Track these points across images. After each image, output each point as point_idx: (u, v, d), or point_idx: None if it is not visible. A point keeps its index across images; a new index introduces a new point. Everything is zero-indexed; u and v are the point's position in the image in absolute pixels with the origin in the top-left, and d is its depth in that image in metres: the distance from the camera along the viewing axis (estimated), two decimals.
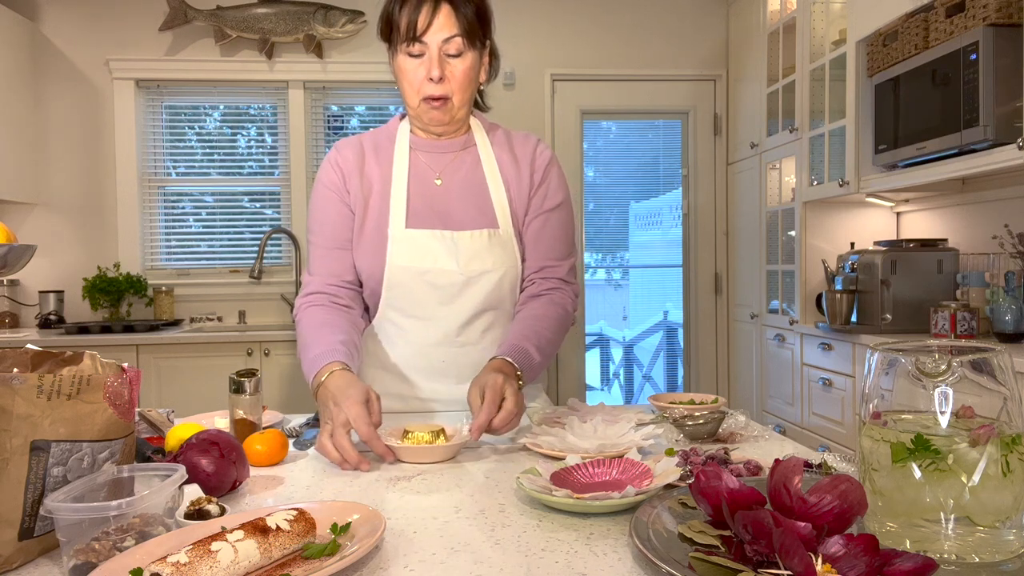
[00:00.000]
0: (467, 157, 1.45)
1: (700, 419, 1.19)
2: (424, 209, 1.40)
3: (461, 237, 1.38)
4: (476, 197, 1.42)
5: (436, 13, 1.29)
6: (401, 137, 1.45)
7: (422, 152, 1.44)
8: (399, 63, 1.34)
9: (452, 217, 1.40)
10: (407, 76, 1.34)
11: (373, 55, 3.90)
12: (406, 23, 1.29)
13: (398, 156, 1.43)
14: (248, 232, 3.98)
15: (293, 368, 3.34)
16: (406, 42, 1.31)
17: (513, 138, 1.49)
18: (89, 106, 3.80)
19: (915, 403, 0.69)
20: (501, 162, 1.45)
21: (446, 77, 1.32)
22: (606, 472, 0.93)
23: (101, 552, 0.69)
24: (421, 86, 1.33)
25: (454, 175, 1.43)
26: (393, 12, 1.33)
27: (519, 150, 1.47)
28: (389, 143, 1.45)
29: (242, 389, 1.17)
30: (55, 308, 3.65)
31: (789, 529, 0.58)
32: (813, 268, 3.28)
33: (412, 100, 1.36)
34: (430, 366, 1.42)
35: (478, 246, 1.38)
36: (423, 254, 1.36)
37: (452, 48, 1.31)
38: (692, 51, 4.10)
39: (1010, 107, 2.21)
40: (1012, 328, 2.39)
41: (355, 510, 0.80)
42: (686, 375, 4.29)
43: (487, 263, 1.38)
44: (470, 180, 1.43)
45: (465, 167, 1.44)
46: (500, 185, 1.43)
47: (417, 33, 1.29)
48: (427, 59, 1.31)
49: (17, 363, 0.84)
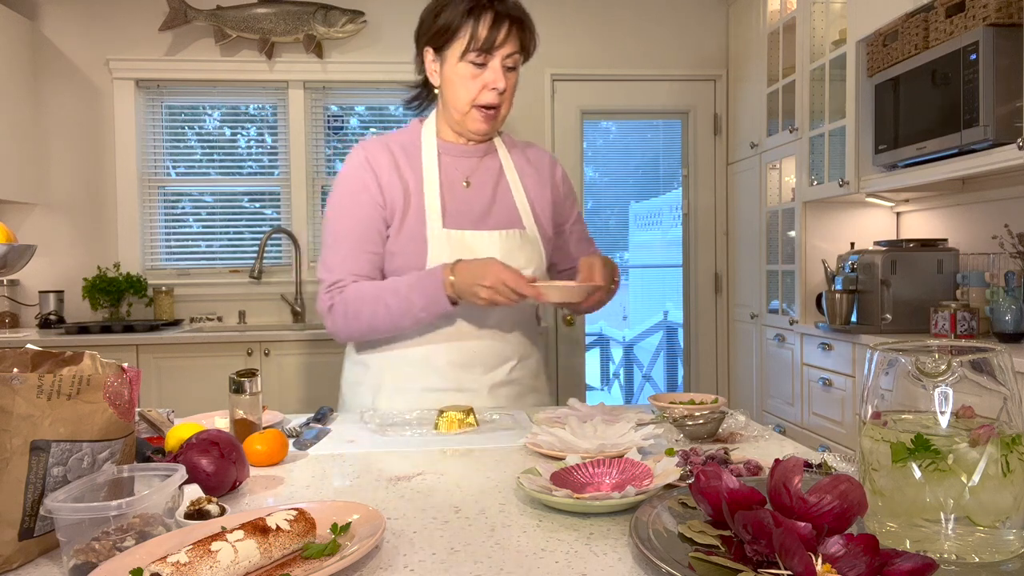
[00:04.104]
0: (490, 163, 1.55)
1: (700, 419, 1.19)
2: (457, 210, 1.48)
3: (496, 236, 1.47)
4: (502, 200, 1.52)
5: (511, 31, 1.40)
6: (427, 141, 1.52)
7: (449, 156, 1.52)
8: (457, 69, 1.43)
9: (483, 217, 1.49)
10: (464, 83, 1.42)
11: (373, 55, 3.90)
12: (484, 36, 1.39)
13: (426, 159, 1.50)
14: (248, 232, 3.98)
15: (293, 368, 3.34)
16: (475, 52, 1.40)
17: (526, 149, 1.62)
18: (89, 106, 3.80)
19: (915, 403, 0.69)
20: (521, 170, 1.56)
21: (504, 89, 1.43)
22: (606, 472, 0.93)
23: (101, 552, 0.69)
24: (479, 95, 1.43)
25: (480, 179, 1.52)
26: (454, 21, 1.41)
27: (536, 160, 1.61)
28: (415, 147, 1.52)
29: (242, 389, 1.17)
30: (55, 308, 3.64)
31: (789, 529, 0.58)
32: (813, 268, 3.28)
33: (463, 106, 1.44)
34: (461, 357, 1.48)
35: (511, 244, 1.48)
36: (461, 252, 1.43)
37: (511, 62, 1.42)
38: (692, 51, 4.10)
39: (1010, 107, 2.21)
40: (1012, 328, 2.39)
41: (355, 510, 0.80)
42: (686, 375, 4.28)
43: (519, 260, 1.47)
44: (495, 184, 1.53)
45: (490, 172, 1.54)
46: (522, 190, 1.54)
47: (493, 47, 1.39)
48: (490, 70, 1.41)
49: (17, 363, 0.84)
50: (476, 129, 1.47)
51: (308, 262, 3.93)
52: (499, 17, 1.39)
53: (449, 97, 1.46)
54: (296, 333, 3.38)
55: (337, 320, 1.46)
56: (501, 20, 1.39)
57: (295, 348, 3.34)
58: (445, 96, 1.47)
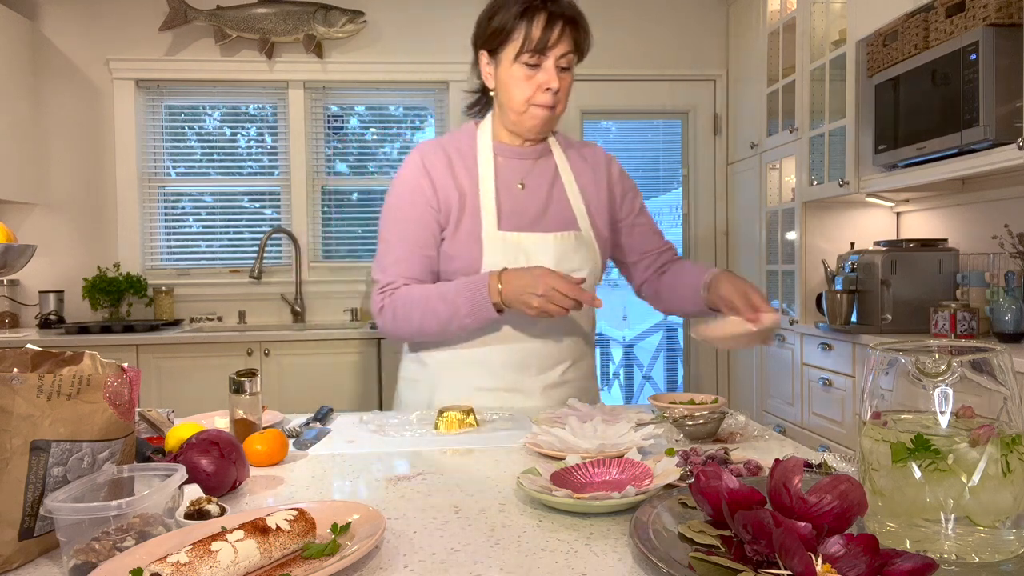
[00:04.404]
0: (545, 164, 1.55)
1: (700, 419, 1.19)
2: (512, 212, 1.48)
3: (551, 238, 1.47)
4: (558, 202, 1.52)
5: (564, 31, 1.40)
6: (483, 142, 1.53)
7: (504, 157, 1.53)
8: (511, 71, 1.43)
9: (539, 220, 1.49)
10: (519, 84, 1.43)
11: (373, 55, 3.90)
12: (537, 37, 1.39)
13: (482, 160, 1.51)
14: (248, 232, 3.98)
15: (293, 368, 3.34)
16: (529, 53, 1.40)
17: (582, 148, 1.62)
18: (89, 106, 3.80)
19: (915, 403, 0.69)
20: (576, 170, 1.56)
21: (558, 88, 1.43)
22: (606, 472, 0.93)
23: (101, 552, 0.69)
24: (535, 95, 1.43)
25: (536, 180, 1.53)
26: (507, 23, 1.41)
27: (591, 159, 1.60)
28: (471, 148, 1.52)
29: (242, 389, 1.17)
30: (55, 308, 3.64)
31: (789, 529, 0.58)
32: (813, 268, 3.28)
33: (520, 106, 1.45)
34: (513, 358, 1.49)
35: (566, 246, 1.48)
36: (516, 254, 1.44)
37: (564, 62, 1.42)
38: (692, 51, 4.10)
39: (1010, 107, 2.21)
40: (1012, 328, 2.39)
41: (355, 510, 0.80)
42: (686, 375, 4.28)
43: (575, 263, 1.48)
44: (551, 186, 1.53)
45: (546, 173, 1.54)
46: (577, 191, 1.54)
47: (546, 47, 1.39)
48: (544, 70, 1.41)
49: (17, 363, 0.84)
50: (532, 128, 1.48)
51: (308, 262, 3.94)
52: (552, 17, 1.39)
53: (504, 99, 1.47)
54: (296, 333, 3.38)
55: (387, 322, 1.47)
56: (554, 20, 1.39)
57: (295, 348, 3.34)
58: (501, 98, 1.48)
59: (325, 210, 4.02)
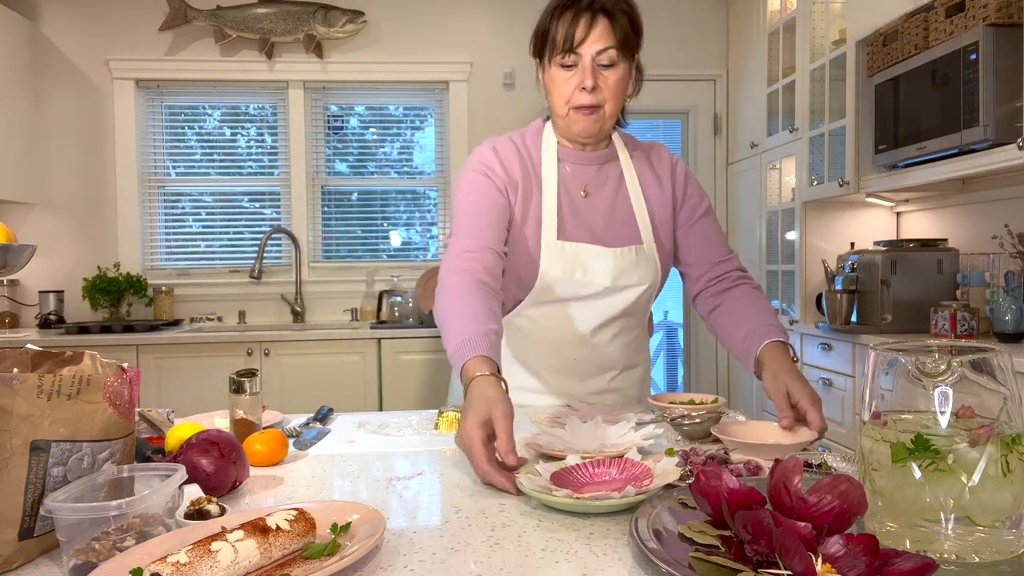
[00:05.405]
0: (610, 171, 1.47)
1: (697, 419, 1.19)
2: (573, 221, 1.42)
3: (611, 254, 1.40)
4: (621, 212, 1.45)
5: (593, 25, 1.32)
6: (547, 145, 1.46)
7: (568, 163, 1.46)
8: (551, 74, 1.37)
9: (600, 231, 1.43)
10: (558, 86, 1.36)
11: (373, 55, 3.90)
12: (563, 35, 1.32)
13: (546, 165, 1.44)
14: (248, 232, 3.98)
15: (293, 368, 3.34)
16: (561, 53, 1.33)
17: (649, 152, 1.52)
18: (89, 106, 3.80)
19: (915, 403, 0.69)
20: (643, 178, 1.48)
21: (599, 87, 1.34)
22: (606, 472, 0.93)
23: (101, 552, 0.69)
24: (573, 96, 1.35)
25: (599, 189, 1.46)
26: (542, 25, 1.36)
27: (657, 166, 1.51)
28: (536, 150, 1.46)
29: (242, 389, 1.17)
30: (55, 308, 3.64)
31: (789, 529, 0.58)
32: (813, 268, 3.28)
33: (561, 110, 1.38)
34: (560, 363, 1.46)
35: (626, 262, 1.42)
36: (574, 265, 1.39)
37: (605, 59, 1.33)
38: (692, 51, 4.10)
39: (1010, 107, 2.21)
40: (1012, 328, 2.39)
41: (355, 510, 0.80)
42: (686, 375, 4.28)
43: (633, 278, 1.42)
44: (615, 195, 1.46)
45: (610, 181, 1.47)
46: (642, 201, 1.47)
47: (574, 44, 1.32)
48: (580, 69, 1.33)
49: (17, 363, 0.84)
50: (578, 131, 1.40)
51: (308, 262, 3.94)
52: (578, 13, 1.32)
53: (550, 104, 1.42)
54: (296, 333, 3.38)
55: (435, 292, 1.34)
56: (580, 16, 1.32)
57: (295, 348, 3.34)
58: (549, 104, 1.43)
59: (325, 210, 4.02)
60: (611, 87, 1.35)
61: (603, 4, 1.32)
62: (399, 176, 4.08)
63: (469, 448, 0.98)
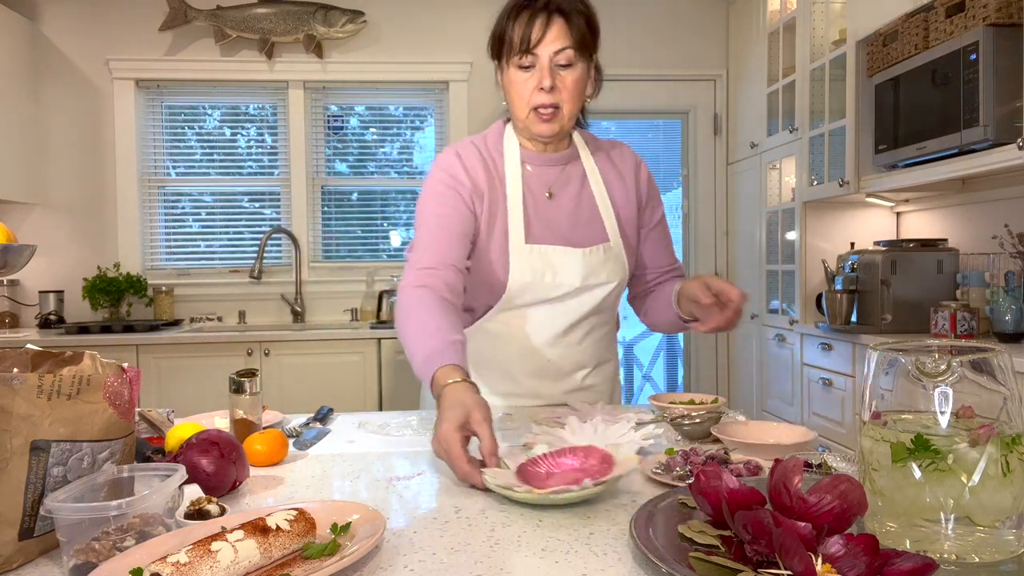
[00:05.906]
0: (573, 171, 1.48)
1: (696, 419, 1.19)
2: (540, 223, 1.43)
3: (579, 254, 1.41)
4: (586, 211, 1.46)
5: (550, 25, 1.32)
6: (509, 148, 1.47)
7: (531, 165, 1.46)
8: (510, 76, 1.38)
9: (567, 232, 1.43)
10: (516, 88, 1.37)
11: (373, 55, 3.90)
12: (519, 36, 1.33)
13: (509, 168, 1.45)
14: (248, 232, 3.98)
15: (293, 368, 3.34)
16: (518, 54, 1.33)
17: (611, 151, 1.54)
18: (89, 106, 3.80)
19: (915, 403, 0.69)
20: (606, 176, 1.50)
21: (557, 87, 1.35)
22: (569, 463, 0.95)
23: (101, 552, 0.69)
24: (531, 96, 1.36)
25: (563, 189, 1.46)
26: (498, 27, 1.37)
27: (620, 163, 1.52)
28: (499, 153, 1.47)
29: (242, 389, 1.17)
30: (55, 308, 3.64)
31: (789, 529, 0.58)
32: (813, 268, 3.28)
33: (521, 112, 1.38)
34: (535, 365, 1.46)
35: (595, 261, 1.43)
36: (544, 268, 1.40)
37: (562, 59, 1.34)
38: (692, 51, 4.10)
39: (1010, 107, 2.21)
40: (1012, 328, 2.39)
41: (355, 510, 0.80)
42: (686, 375, 4.28)
43: (602, 276, 1.43)
44: (579, 194, 1.47)
45: (573, 181, 1.47)
46: (607, 199, 1.48)
47: (530, 45, 1.32)
48: (537, 70, 1.34)
49: (17, 363, 0.84)
50: (539, 132, 1.40)
51: (308, 262, 3.94)
52: (535, 14, 1.33)
53: (510, 105, 1.42)
54: (296, 333, 3.38)
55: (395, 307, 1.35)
56: (536, 16, 1.32)
57: (295, 348, 3.34)
58: (508, 105, 1.43)
59: (325, 210, 4.02)
60: (569, 87, 1.36)
61: (559, 4, 1.33)
62: (399, 176, 4.08)
63: (448, 451, 0.97)
